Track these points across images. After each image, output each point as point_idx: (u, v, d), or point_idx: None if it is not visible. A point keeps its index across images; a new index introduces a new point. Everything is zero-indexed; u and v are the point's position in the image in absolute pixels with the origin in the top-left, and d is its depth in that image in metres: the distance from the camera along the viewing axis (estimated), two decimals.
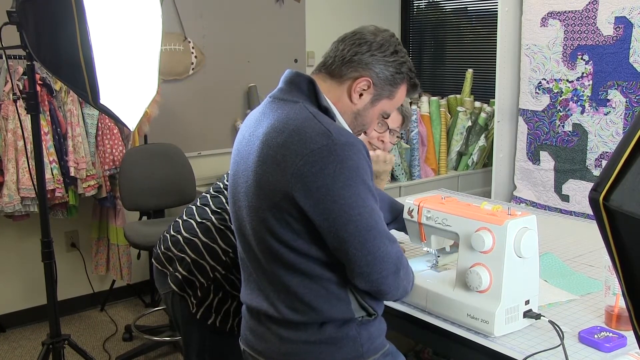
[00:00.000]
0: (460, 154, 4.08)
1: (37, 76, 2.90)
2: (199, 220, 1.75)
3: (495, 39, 3.26)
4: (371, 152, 1.67)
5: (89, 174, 3.19)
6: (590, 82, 2.94)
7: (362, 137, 1.60)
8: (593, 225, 1.54)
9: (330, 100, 1.40)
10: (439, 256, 1.68)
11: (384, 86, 1.41)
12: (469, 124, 4.00)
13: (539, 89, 3.15)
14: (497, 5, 3.27)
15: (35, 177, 2.20)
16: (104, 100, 1.89)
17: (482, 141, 4.02)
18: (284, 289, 1.33)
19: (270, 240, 1.31)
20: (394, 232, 1.71)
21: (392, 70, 1.41)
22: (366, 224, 1.25)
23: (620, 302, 1.44)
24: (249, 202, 1.34)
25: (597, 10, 2.86)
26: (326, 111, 1.36)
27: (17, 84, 2.95)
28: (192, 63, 3.83)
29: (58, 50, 1.89)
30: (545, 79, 3.12)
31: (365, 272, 1.27)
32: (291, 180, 1.24)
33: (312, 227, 1.27)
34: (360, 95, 1.41)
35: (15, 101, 2.87)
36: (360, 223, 1.24)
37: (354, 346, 1.34)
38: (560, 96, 3.07)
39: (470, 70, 4.15)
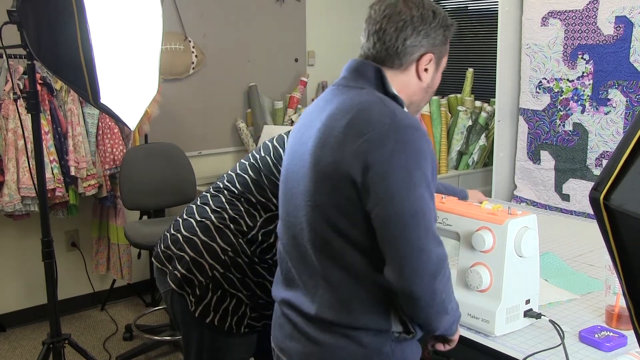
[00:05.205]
0: (461, 154, 4.08)
1: (38, 75, 2.90)
2: (198, 219, 1.76)
3: (496, 39, 3.26)
4: None
5: (89, 173, 3.19)
6: (591, 81, 2.94)
7: None
8: (593, 225, 1.54)
9: (396, 90, 1.34)
10: None
11: (440, 48, 1.38)
12: (470, 123, 4.00)
13: (540, 89, 3.15)
14: (497, 4, 3.27)
15: (35, 176, 2.20)
16: (104, 99, 1.89)
17: (482, 140, 4.02)
18: (324, 283, 1.27)
19: (323, 227, 1.26)
20: None
21: (440, 31, 1.37)
22: (411, 208, 1.17)
23: (620, 302, 1.44)
24: (305, 187, 1.29)
25: (597, 9, 2.86)
26: (394, 98, 1.31)
27: (18, 83, 2.95)
28: (193, 62, 3.83)
29: (58, 50, 1.89)
30: (545, 79, 3.12)
31: (398, 260, 1.17)
32: (349, 159, 1.20)
33: (369, 217, 1.21)
34: (426, 69, 1.37)
35: (15, 100, 2.88)
36: (404, 205, 1.17)
37: None
38: (561, 95, 3.07)
39: (470, 70, 4.15)
